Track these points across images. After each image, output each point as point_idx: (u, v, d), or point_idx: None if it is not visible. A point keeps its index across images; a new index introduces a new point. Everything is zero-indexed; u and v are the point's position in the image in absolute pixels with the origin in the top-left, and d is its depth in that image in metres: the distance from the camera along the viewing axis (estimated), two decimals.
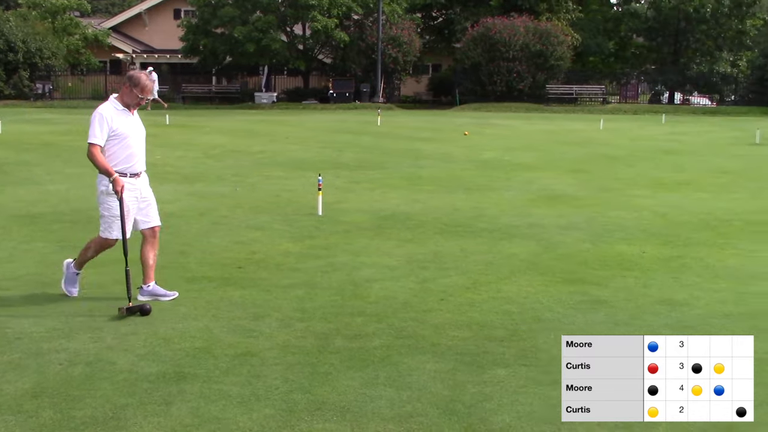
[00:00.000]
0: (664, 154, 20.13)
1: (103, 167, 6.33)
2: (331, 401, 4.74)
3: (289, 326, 6.12)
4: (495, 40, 39.47)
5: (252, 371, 5.19)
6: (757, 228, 10.49)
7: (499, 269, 8.06)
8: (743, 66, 46.05)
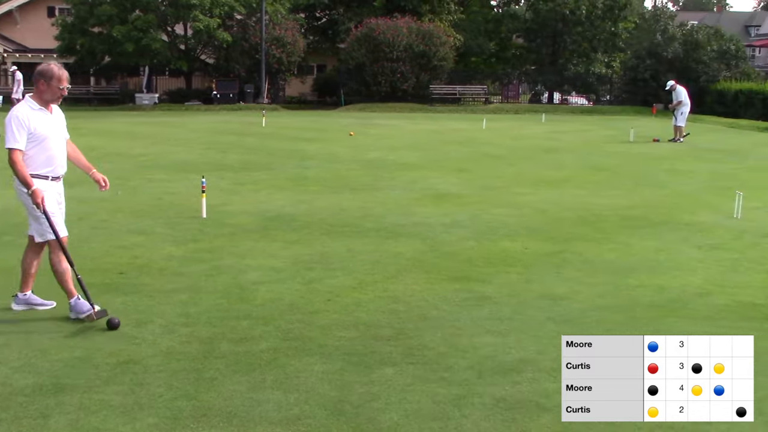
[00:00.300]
0: (545, 153, 20.66)
1: (23, 177, 5.91)
2: (217, 407, 4.66)
3: (173, 332, 5.98)
4: (379, 40, 39.69)
5: (135, 379, 5.05)
6: (632, 223, 10.88)
7: (386, 268, 8.10)
8: (617, 67, 47.75)
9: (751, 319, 6.65)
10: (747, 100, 37.07)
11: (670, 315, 6.70)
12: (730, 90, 38.87)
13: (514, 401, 4.86)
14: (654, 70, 41.70)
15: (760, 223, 11.00)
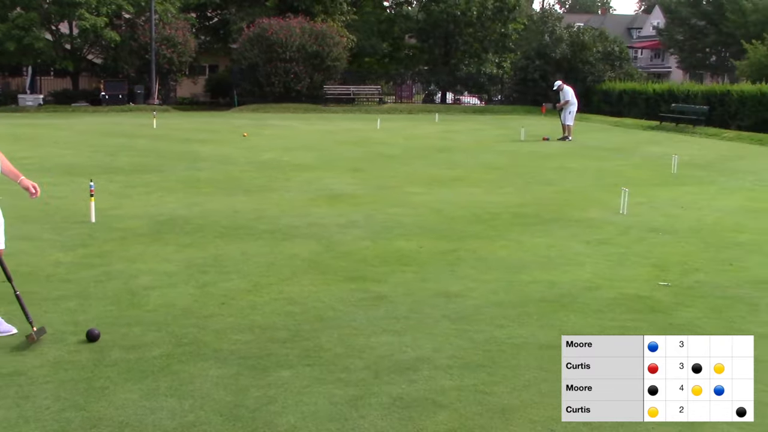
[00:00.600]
0: (438, 152, 20.91)
1: None
2: (109, 417, 4.53)
3: (61, 341, 5.78)
4: (272, 40, 39.40)
5: (20, 392, 4.86)
6: (523, 220, 11.11)
7: (281, 270, 8.03)
8: (507, 67, 48.72)
9: (637, 311, 6.88)
10: (631, 100, 38.38)
11: (561, 309, 6.86)
12: (614, 90, 40.17)
13: (410, 399, 4.89)
14: (543, 70, 42.75)
15: (644, 218, 11.39)
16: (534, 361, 5.61)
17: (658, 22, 75.45)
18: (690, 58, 61.83)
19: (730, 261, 8.86)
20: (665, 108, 33.88)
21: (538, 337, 6.12)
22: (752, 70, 39.91)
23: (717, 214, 11.98)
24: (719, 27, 56.28)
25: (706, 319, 6.70)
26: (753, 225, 11.10)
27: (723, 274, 8.29)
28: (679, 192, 14.18)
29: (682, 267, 8.54)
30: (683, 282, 7.93)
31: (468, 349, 5.83)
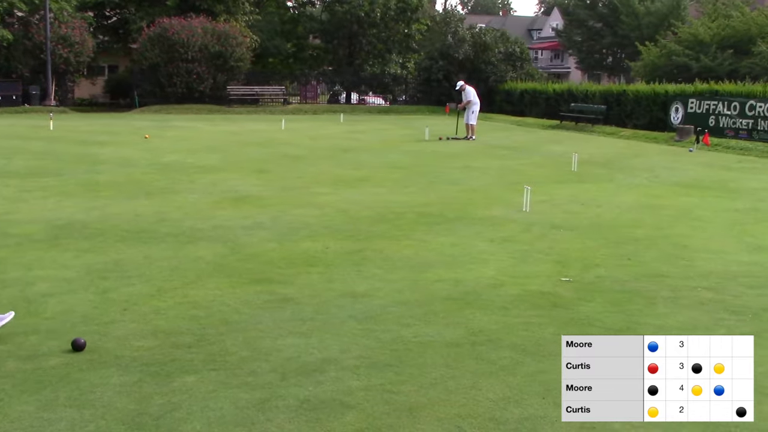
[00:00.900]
0: (344, 152, 20.91)
1: None
2: (3, 430, 4.36)
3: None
4: (173, 40, 38.71)
5: None
6: (428, 219, 11.20)
7: (185, 274, 7.90)
8: (411, 68, 49.10)
9: (540, 307, 7.01)
10: (532, 100, 39.17)
11: (466, 307, 6.94)
12: (516, 90, 40.93)
13: (318, 401, 4.87)
14: (446, 70, 43.22)
15: (546, 215, 11.62)
16: (440, 359, 5.66)
17: (557, 23, 77.22)
18: (588, 58, 63.45)
19: (628, 256, 9.12)
20: (565, 107, 34.68)
21: (444, 335, 6.18)
22: (646, 71, 41.23)
23: (615, 210, 12.31)
24: (615, 29, 57.93)
25: (607, 313, 6.88)
26: (649, 220, 11.46)
27: (622, 268, 8.53)
28: (579, 189, 14.53)
29: (583, 262, 8.75)
30: (584, 277, 8.12)
31: (375, 348, 5.84)
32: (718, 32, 39.04)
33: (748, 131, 25.40)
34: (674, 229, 10.87)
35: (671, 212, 12.23)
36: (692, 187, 15.40)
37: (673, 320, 6.69)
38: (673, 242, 9.95)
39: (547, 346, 5.94)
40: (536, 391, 5.10)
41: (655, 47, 41.58)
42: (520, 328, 6.37)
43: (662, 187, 15.23)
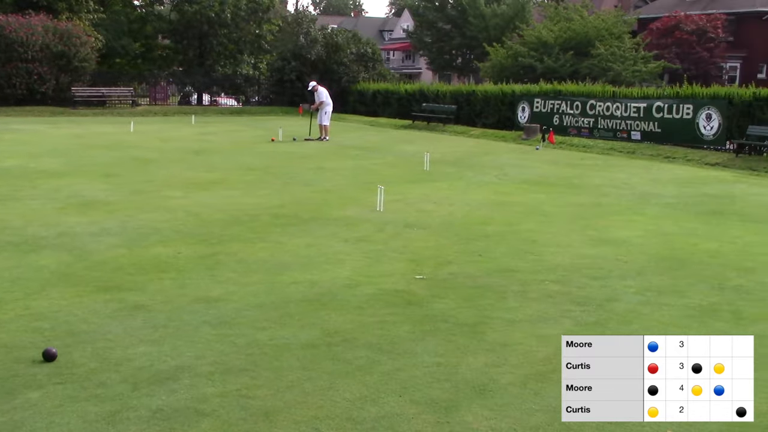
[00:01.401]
0: (195, 155, 20.50)
1: None
2: None
3: None
4: (11, 39, 36.86)
5: None
6: (283, 221, 11.13)
7: (27, 284, 7.53)
8: (264, 68, 48.67)
9: (395, 305, 7.09)
10: (384, 100, 39.59)
11: (322, 308, 6.94)
12: (369, 90, 41.25)
13: (171, 410, 4.74)
14: (299, 71, 43.07)
15: (400, 214, 11.77)
16: (297, 361, 5.63)
17: (407, 25, 78.34)
18: (438, 59, 64.63)
19: (480, 252, 9.35)
20: (417, 107, 35.21)
21: (300, 337, 6.15)
22: (494, 72, 42.40)
23: (466, 208, 12.61)
24: (463, 30, 59.26)
25: (459, 308, 7.03)
26: (499, 217, 11.79)
27: (473, 265, 8.73)
28: (432, 188, 14.79)
29: (436, 260, 8.91)
30: (437, 274, 8.27)
31: (230, 354, 5.75)
32: (560, 35, 40.59)
33: (590, 129, 26.56)
34: (523, 225, 11.23)
35: (520, 209, 12.63)
36: (539, 183, 15.96)
37: (522, 313, 6.91)
38: (522, 238, 10.27)
39: (402, 344, 6.01)
40: (393, 390, 5.15)
41: (502, 48, 42.82)
42: (375, 327, 6.42)
43: (511, 185, 15.71)
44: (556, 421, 4.70)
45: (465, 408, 4.89)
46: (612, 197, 14.21)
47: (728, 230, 11.10)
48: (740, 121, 21.80)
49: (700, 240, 10.35)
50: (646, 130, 24.51)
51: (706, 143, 22.47)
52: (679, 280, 8.17)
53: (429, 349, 5.94)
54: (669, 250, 9.68)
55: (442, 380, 5.33)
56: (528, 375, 5.44)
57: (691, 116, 22.97)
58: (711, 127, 22.41)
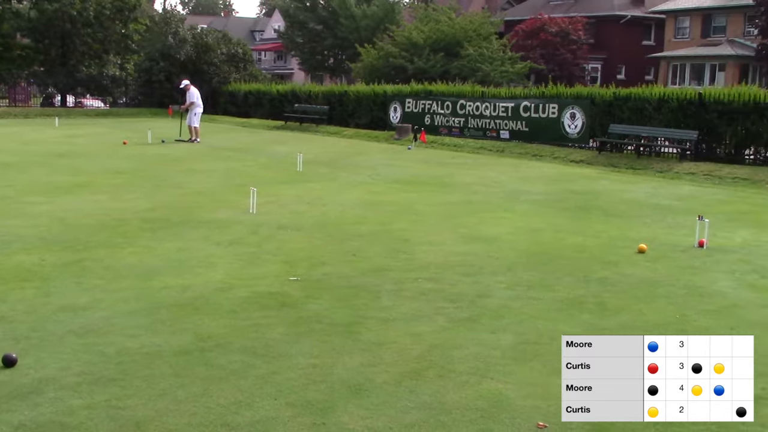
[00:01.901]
0: (60, 158, 19.75)
1: None
2: None
3: None
4: None
5: None
6: (153, 225, 10.86)
7: None
8: (131, 69, 47.39)
9: (269, 308, 7.02)
10: (256, 101, 39.22)
11: (194, 313, 6.80)
12: (240, 91, 40.77)
13: (35, 426, 4.55)
14: (168, 71, 42.17)
15: (273, 216, 11.67)
16: (169, 368, 5.49)
17: (279, 25, 77.85)
18: (310, 60, 64.53)
19: (354, 252, 9.38)
20: (289, 108, 35.05)
21: (172, 343, 6.01)
22: (366, 72, 42.65)
23: (340, 208, 12.62)
24: (335, 31, 59.38)
25: (334, 309, 7.02)
26: (372, 217, 11.86)
27: (347, 265, 8.75)
28: (305, 189, 14.74)
29: (310, 261, 8.88)
30: (311, 275, 8.24)
31: (98, 363, 5.56)
32: (430, 35, 41.20)
33: (460, 129, 27.06)
34: (396, 224, 11.33)
35: (393, 208, 12.74)
36: (411, 183, 16.15)
37: (396, 312, 6.96)
38: (395, 237, 10.36)
39: (277, 347, 5.95)
40: (268, 393, 5.10)
41: (373, 49, 43.12)
42: (249, 331, 6.34)
43: (384, 184, 15.83)
44: (432, 418, 4.76)
45: (341, 408, 4.89)
46: (482, 195, 14.53)
47: (592, 225, 11.51)
48: (602, 120, 22.64)
49: (566, 235, 10.69)
50: (514, 129, 25.16)
51: (571, 141, 23.25)
52: (547, 275, 8.41)
53: (304, 350, 5.91)
54: (537, 246, 9.96)
55: (317, 381, 5.31)
56: (403, 373, 5.48)
57: (556, 115, 23.72)
58: (575, 126, 23.21)
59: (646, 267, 8.90)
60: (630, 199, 14.36)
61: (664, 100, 21.20)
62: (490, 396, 5.10)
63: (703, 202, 14.02)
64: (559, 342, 6.09)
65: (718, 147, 20.31)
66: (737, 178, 17.39)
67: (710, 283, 8.22)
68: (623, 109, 22.19)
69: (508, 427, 4.67)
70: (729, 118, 19.65)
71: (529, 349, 6.03)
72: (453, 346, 6.07)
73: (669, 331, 6.52)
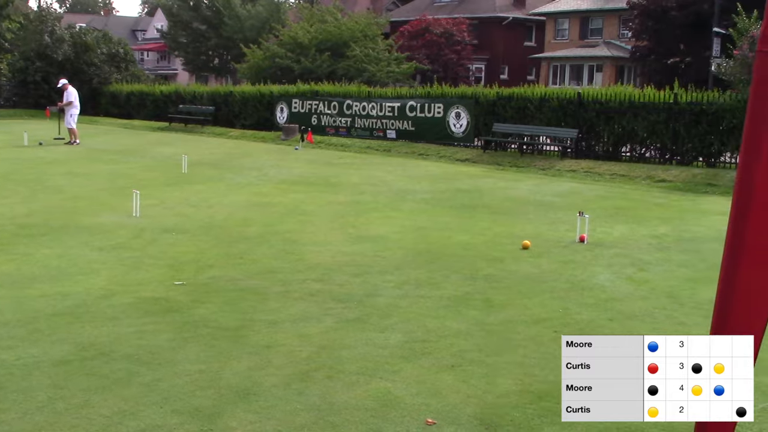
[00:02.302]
0: None
1: None
2: None
3: None
4: None
5: None
6: (30, 231, 10.46)
7: None
8: (4, 68, 45.56)
9: (154, 313, 6.85)
10: (139, 102, 38.29)
11: (75, 321, 6.57)
12: (122, 92, 39.73)
13: None
14: (45, 71, 40.71)
15: (157, 219, 11.42)
16: (48, 380, 5.29)
17: (161, 24, 76.31)
18: (195, 60, 63.51)
19: (241, 254, 9.26)
20: (174, 109, 34.38)
21: (51, 354, 5.79)
22: (252, 72, 42.23)
23: (227, 210, 12.45)
24: (219, 31, 58.63)
25: (221, 312, 6.91)
26: (259, 218, 11.74)
27: (234, 267, 8.63)
28: (191, 191, 14.49)
29: (197, 264, 8.72)
30: (198, 279, 8.10)
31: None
32: (316, 36, 41.12)
33: (347, 129, 27.10)
34: (283, 225, 11.25)
35: (280, 209, 12.65)
36: (299, 183, 16.08)
37: (285, 314, 6.91)
38: (283, 238, 10.29)
39: (162, 354, 5.82)
40: (153, 401, 4.97)
41: (259, 50, 42.74)
42: (133, 338, 6.18)
43: (271, 185, 15.71)
44: (321, 419, 4.74)
45: (229, 414, 4.81)
46: (370, 195, 14.59)
47: (478, 223, 11.71)
48: (486, 119, 23.08)
49: (453, 233, 10.84)
50: (400, 129, 25.36)
51: (456, 140, 23.59)
52: (434, 273, 8.50)
53: (190, 356, 5.79)
54: (425, 244, 10.06)
55: (204, 387, 5.21)
56: (291, 375, 5.44)
57: (442, 115, 24.03)
58: (460, 125, 23.57)
59: (530, 263, 9.11)
60: (514, 197, 14.69)
61: (545, 99, 21.78)
62: (379, 395, 5.12)
63: (583, 199, 14.46)
64: (447, 339, 6.24)
65: (597, 145, 20.99)
66: (615, 175, 18.01)
67: (590, 277, 8.48)
68: (506, 108, 22.67)
69: (397, 426, 4.69)
70: (607, 117, 20.35)
71: (417, 347, 6.07)
72: (342, 346, 6.06)
73: (552, 324, 6.69)
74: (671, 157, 19.36)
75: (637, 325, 6.70)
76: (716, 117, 18.34)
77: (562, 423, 4.73)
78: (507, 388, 5.26)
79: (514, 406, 4.98)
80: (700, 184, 16.57)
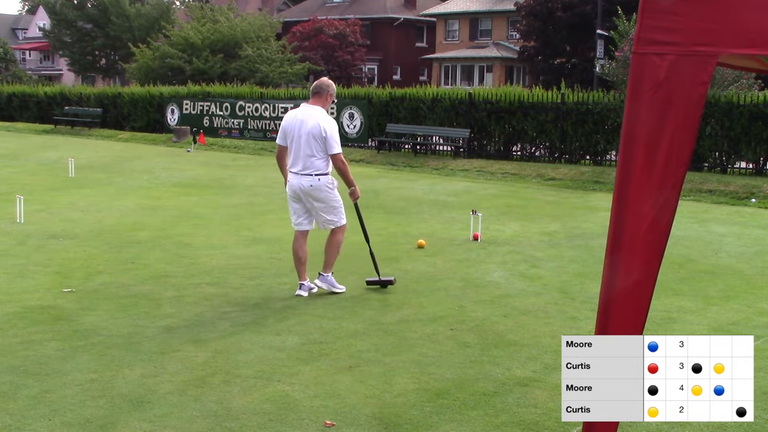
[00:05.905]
0: None
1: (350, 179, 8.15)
2: None
3: None
4: None
5: None
6: None
7: None
8: None
9: (41, 322, 6.61)
10: (22, 103, 36.93)
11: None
12: (3, 93, 38.29)
13: None
14: None
15: (44, 225, 11.04)
16: None
17: (44, 23, 73.78)
18: (81, 60, 61.66)
19: (132, 260, 9.04)
20: (59, 111, 33.34)
21: None
22: (141, 73, 41.34)
23: (117, 214, 12.14)
24: (106, 30, 57.06)
25: (112, 320, 6.72)
26: (151, 222, 11.49)
27: (126, 273, 8.42)
28: (78, 195, 14.07)
29: (86, 271, 8.47)
30: (87, 286, 7.86)
31: None
32: (208, 36, 40.55)
33: (240, 130, 26.82)
34: (176, 228, 11.05)
35: (172, 212, 12.41)
36: (191, 186, 15.82)
37: (179, 319, 6.77)
38: (176, 242, 10.10)
39: (50, 364, 5.62)
40: (41, 414, 4.79)
41: (148, 50, 41.85)
42: (19, 348, 5.94)
43: (162, 188, 15.40)
44: (219, 425, 4.66)
45: (122, 423, 4.68)
46: (264, 197, 14.46)
47: (373, 223, 11.72)
48: (380, 120, 23.23)
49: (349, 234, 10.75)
50: None
51: (350, 141, 23.62)
52: None
53: (81, 365, 5.61)
54: (320, 246, 10.00)
55: (96, 397, 5.05)
56: (187, 381, 5.33)
57: (335, 116, 24.05)
58: (354, 125, 23.63)
59: (425, 262, 9.20)
60: (409, 196, 14.81)
61: (437, 99, 22.05)
62: (277, 398, 5.07)
63: (476, 197, 14.70)
64: (344, 340, 6.24)
65: (489, 144, 21.39)
66: (507, 174, 18.39)
67: (484, 274, 8.62)
68: (400, 108, 22.85)
69: (296, 429, 4.65)
70: (497, 117, 20.76)
71: (314, 349, 6.05)
72: (238, 350, 5.98)
73: (448, 322, 6.77)
74: (560, 156, 19.90)
75: (531, 321, 6.84)
76: (601, 116, 18.96)
77: (459, 419, 4.80)
78: (405, 387, 5.29)
79: (412, 404, 5.01)
80: (587, 181, 17.09)
